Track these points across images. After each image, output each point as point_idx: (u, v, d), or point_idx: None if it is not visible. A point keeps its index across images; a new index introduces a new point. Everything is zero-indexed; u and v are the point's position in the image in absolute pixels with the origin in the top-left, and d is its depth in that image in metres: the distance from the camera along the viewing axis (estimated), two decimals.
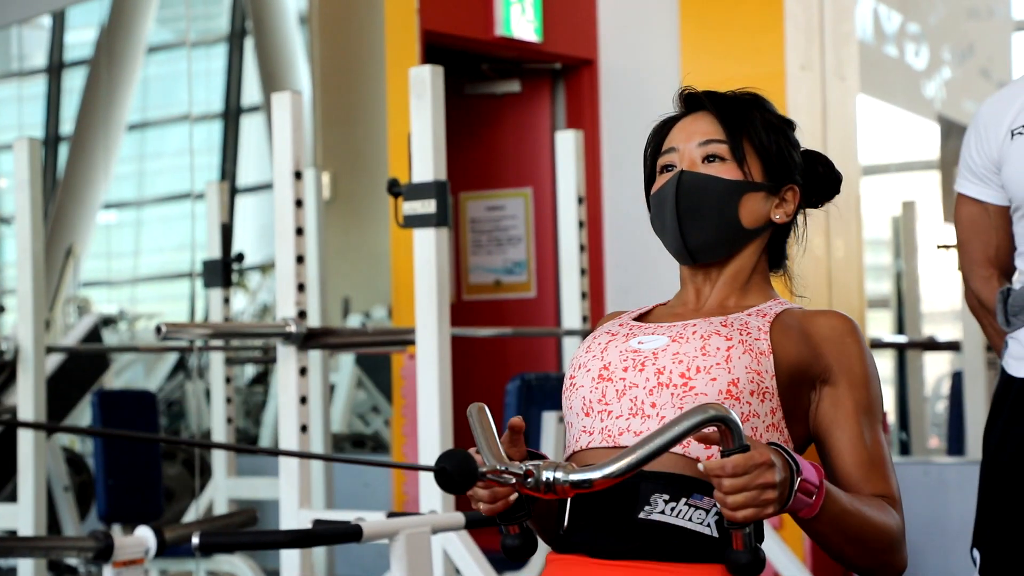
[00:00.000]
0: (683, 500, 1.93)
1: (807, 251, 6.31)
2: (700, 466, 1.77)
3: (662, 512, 1.92)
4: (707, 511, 1.92)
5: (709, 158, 2.10)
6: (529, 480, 1.81)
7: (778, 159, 2.13)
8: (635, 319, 2.17)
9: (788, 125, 2.17)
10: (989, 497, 2.75)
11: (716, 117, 2.12)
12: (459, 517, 2.91)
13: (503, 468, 1.82)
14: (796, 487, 1.76)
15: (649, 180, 2.18)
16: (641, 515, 1.92)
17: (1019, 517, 2.68)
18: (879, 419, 2.02)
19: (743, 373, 1.95)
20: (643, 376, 2.00)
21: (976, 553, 2.75)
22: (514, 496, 1.91)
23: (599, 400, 2.03)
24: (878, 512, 1.91)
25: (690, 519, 1.92)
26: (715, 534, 1.92)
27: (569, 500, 2.02)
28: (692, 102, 2.17)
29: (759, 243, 2.15)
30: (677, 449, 1.90)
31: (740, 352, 1.96)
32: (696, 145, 2.11)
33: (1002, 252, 2.82)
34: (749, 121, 2.12)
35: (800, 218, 2.21)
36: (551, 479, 1.80)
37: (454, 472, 1.79)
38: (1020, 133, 2.71)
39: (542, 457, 1.92)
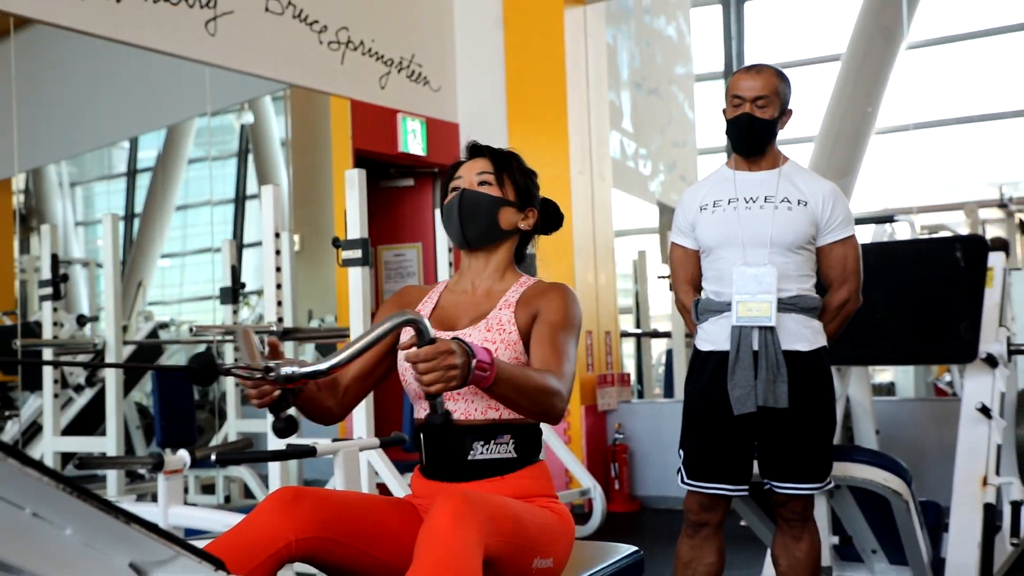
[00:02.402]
0: (492, 442, 1.84)
1: (584, 279, 6.26)
2: (403, 354, 1.59)
3: (481, 453, 1.83)
4: (507, 444, 1.84)
5: (482, 183, 1.96)
6: (271, 374, 1.57)
7: (525, 189, 2.00)
8: (429, 316, 1.97)
9: (532, 174, 2.04)
10: (686, 421, 2.80)
11: (488, 159, 1.99)
12: (376, 440, 2.82)
13: (243, 364, 1.56)
14: (473, 366, 1.54)
15: (444, 197, 2.03)
16: (469, 457, 1.83)
17: (701, 434, 2.74)
18: (569, 334, 1.86)
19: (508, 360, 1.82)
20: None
21: (681, 452, 2.79)
22: (277, 392, 1.62)
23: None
24: (539, 376, 1.70)
25: (499, 452, 1.84)
26: (514, 455, 1.85)
27: (423, 441, 1.88)
28: (474, 150, 2.02)
29: (510, 243, 2.01)
30: (478, 415, 1.84)
31: (503, 350, 1.84)
32: (475, 175, 1.97)
33: (696, 277, 2.85)
34: (508, 164, 1.99)
35: (535, 238, 2.07)
36: (288, 373, 1.57)
37: (199, 368, 1.51)
38: (705, 208, 2.76)
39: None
